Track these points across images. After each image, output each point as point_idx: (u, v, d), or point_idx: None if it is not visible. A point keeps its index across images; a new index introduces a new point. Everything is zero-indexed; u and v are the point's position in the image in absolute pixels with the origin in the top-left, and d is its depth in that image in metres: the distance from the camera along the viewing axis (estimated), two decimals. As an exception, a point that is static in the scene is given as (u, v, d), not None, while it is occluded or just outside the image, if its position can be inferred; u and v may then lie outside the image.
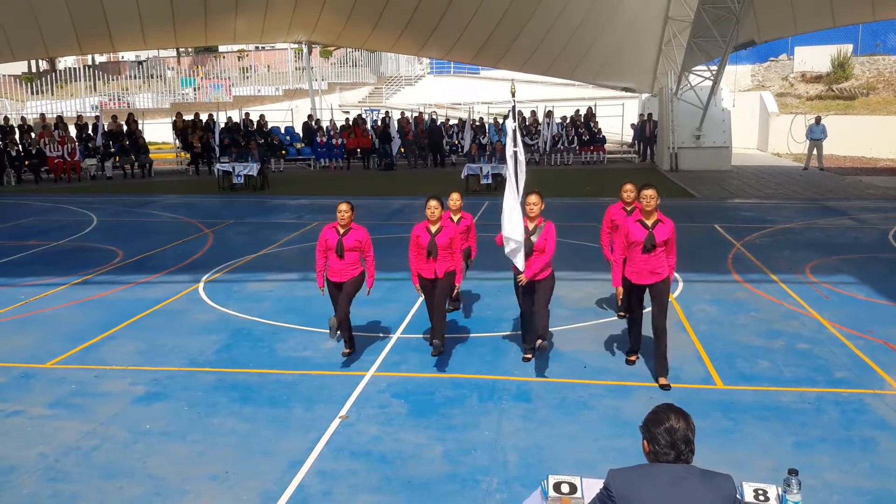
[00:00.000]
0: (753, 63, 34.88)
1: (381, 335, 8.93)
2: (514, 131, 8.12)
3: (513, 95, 9.10)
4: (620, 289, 7.59)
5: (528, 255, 7.69)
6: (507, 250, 7.81)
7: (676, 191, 20.76)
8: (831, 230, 15.22)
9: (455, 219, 9.22)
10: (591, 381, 7.50)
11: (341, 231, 7.98)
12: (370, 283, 8.17)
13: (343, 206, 8.00)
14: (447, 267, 7.98)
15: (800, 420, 6.59)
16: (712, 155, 24.72)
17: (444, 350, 8.10)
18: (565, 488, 3.72)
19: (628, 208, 9.04)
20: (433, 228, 7.94)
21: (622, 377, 7.57)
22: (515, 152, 8.12)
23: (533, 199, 7.91)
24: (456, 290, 8.19)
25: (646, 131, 27.35)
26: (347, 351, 8.23)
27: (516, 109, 8.82)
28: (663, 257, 7.30)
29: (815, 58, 32.68)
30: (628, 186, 9.32)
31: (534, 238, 7.75)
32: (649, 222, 7.28)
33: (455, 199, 9.38)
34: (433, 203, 7.94)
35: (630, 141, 30.09)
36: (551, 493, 3.71)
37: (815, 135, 24.86)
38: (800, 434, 6.32)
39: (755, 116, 31.10)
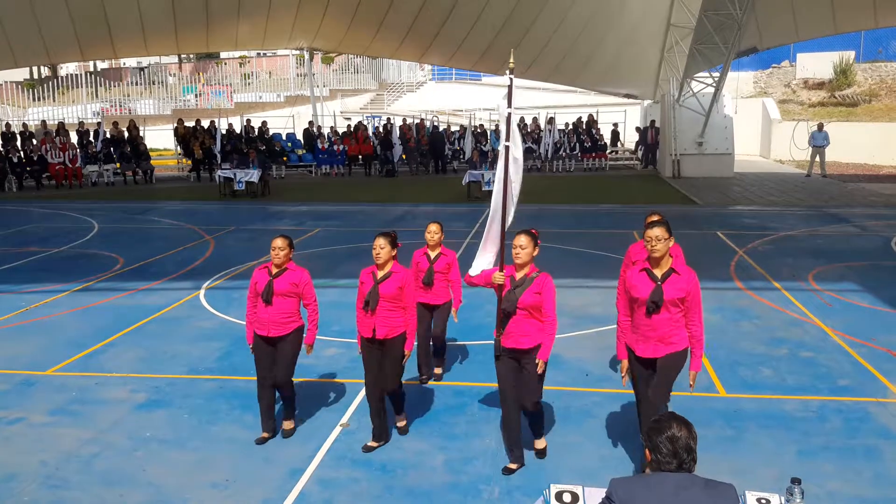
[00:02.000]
0: (756, 70, 34.90)
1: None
2: (508, 118, 6.39)
3: (510, 72, 6.84)
4: (625, 362, 5.80)
5: (508, 317, 5.83)
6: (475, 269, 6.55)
7: (679, 198, 20.75)
8: (834, 237, 15.20)
9: (432, 255, 7.75)
10: (594, 389, 7.47)
11: (273, 272, 6.41)
12: (310, 338, 6.52)
13: (278, 242, 6.41)
14: (392, 327, 6.23)
15: (803, 428, 6.56)
16: (714, 162, 24.70)
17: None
18: (567, 497, 3.70)
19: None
20: (380, 273, 6.28)
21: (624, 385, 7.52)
22: (508, 147, 6.51)
23: (522, 240, 6.01)
24: (405, 359, 6.36)
25: (648, 138, 27.34)
26: (289, 426, 6.57)
27: (513, 94, 6.68)
28: (678, 321, 5.53)
29: (817, 64, 32.69)
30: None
31: (518, 292, 5.80)
32: (659, 273, 5.56)
33: (433, 231, 7.86)
34: (379, 242, 6.26)
35: (633, 147, 30.07)
36: (553, 502, 3.69)
37: (818, 141, 24.85)
38: (803, 442, 6.29)
39: (757, 123, 31.11)
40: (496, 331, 5.88)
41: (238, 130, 27.72)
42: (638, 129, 29.39)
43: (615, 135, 29.54)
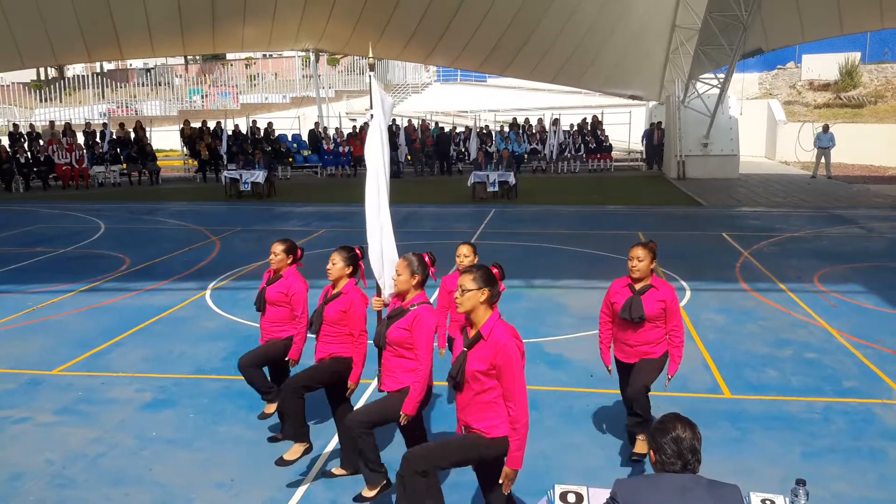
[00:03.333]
0: (761, 71, 34.84)
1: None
2: (375, 120, 6.27)
3: (371, 69, 6.65)
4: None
5: (380, 351, 5.27)
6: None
7: (684, 199, 20.74)
8: (839, 239, 15.17)
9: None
10: (598, 389, 7.47)
11: (272, 277, 6.34)
12: (292, 353, 6.16)
13: (274, 247, 6.27)
14: (333, 350, 5.77)
15: (808, 430, 6.55)
16: (720, 163, 24.68)
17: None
18: (571, 498, 3.71)
19: (637, 286, 5.80)
20: (333, 290, 5.85)
21: (629, 386, 7.52)
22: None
23: (400, 265, 5.26)
24: (349, 392, 5.80)
25: (654, 139, 27.32)
26: (269, 411, 6.29)
27: (373, 88, 6.32)
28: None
29: (822, 66, 32.64)
30: (637, 253, 5.78)
31: (388, 324, 5.14)
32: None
33: (463, 254, 6.96)
34: (334, 257, 5.88)
35: (640, 148, 30.07)
36: (557, 502, 3.70)
37: (823, 143, 24.81)
38: (808, 444, 6.28)
39: (763, 124, 31.07)
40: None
41: (244, 131, 27.77)
42: (646, 130, 29.43)
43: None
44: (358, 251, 5.90)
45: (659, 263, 12.54)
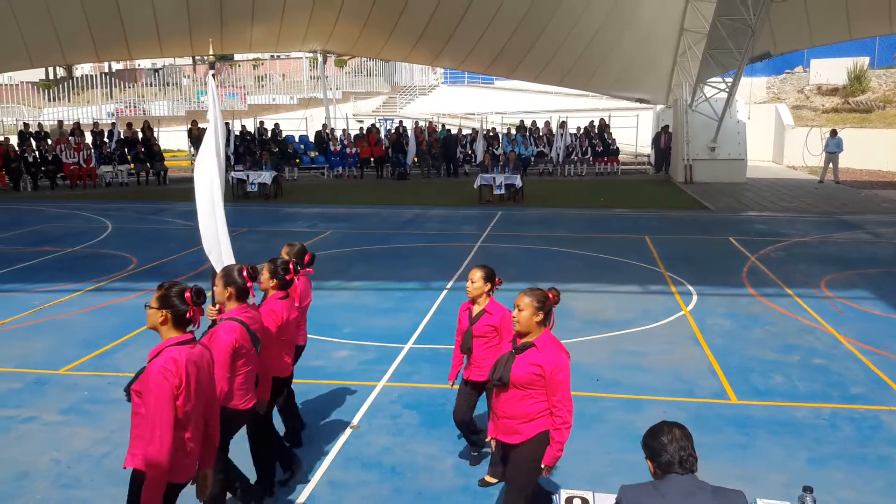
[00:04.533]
0: (769, 75, 34.80)
1: (393, 345, 8.90)
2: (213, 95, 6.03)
3: (212, 67, 6.61)
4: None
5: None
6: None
7: (691, 203, 20.70)
8: (847, 244, 15.12)
9: (475, 311, 5.79)
10: (604, 394, 7.46)
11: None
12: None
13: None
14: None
15: (814, 436, 6.53)
16: (727, 167, 24.64)
17: None
18: (577, 503, 3.70)
19: (519, 342, 4.68)
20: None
21: (635, 391, 7.52)
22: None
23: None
24: (262, 409, 5.37)
25: (661, 143, 27.27)
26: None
27: (210, 88, 6.18)
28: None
29: (831, 70, 32.57)
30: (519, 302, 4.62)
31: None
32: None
33: (473, 279, 5.78)
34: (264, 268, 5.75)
35: (647, 151, 30.04)
36: (563, 507, 3.69)
37: (831, 148, 24.75)
38: (814, 450, 6.26)
39: (770, 129, 31.02)
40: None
41: (251, 132, 27.82)
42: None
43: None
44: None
45: (666, 268, 12.61)
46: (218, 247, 6.04)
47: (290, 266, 5.70)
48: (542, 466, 4.47)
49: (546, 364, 4.44)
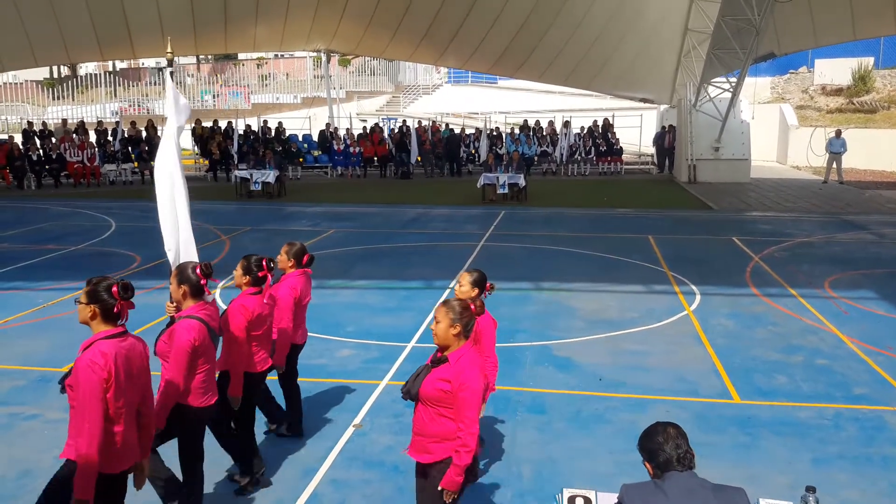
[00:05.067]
0: (773, 75, 34.73)
1: (395, 344, 8.90)
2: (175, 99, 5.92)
3: (169, 64, 6.55)
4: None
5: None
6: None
7: (695, 203, 20.68)
8: (851, 244, 15.10)
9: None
10: (607, 393, 7.45)
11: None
12: (275, 359, 6.08)
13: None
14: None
15: (818, 436, 6.52)
16: (731, 167, 24.60)
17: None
18: (580, 502, 3.70)
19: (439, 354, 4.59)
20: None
21: (638, 390, 7.51)
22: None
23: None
24: (236, 405, 5.54)
25: (665, 143, 27.23)
26: None
27: (168, 87, 6.05)
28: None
29: (835, 70, 32.49)
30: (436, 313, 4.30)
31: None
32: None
33: (460, 282, 5.71)
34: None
35: (651, 151, 30.01)
36: (566, 506, 3.68)
37: (835, 148, 24.69)
38: (818, 450, 6.25)
39: (774, 129, 30.96)
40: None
41: (255, 131, 27.85)
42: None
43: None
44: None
45: (669, 267, 12.60)
46: (177, 246, 6.14)
47: (264, 263, 5.72)
48: (440, 489, 4.11)
49: (454, 380, 4.06)
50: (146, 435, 4.33)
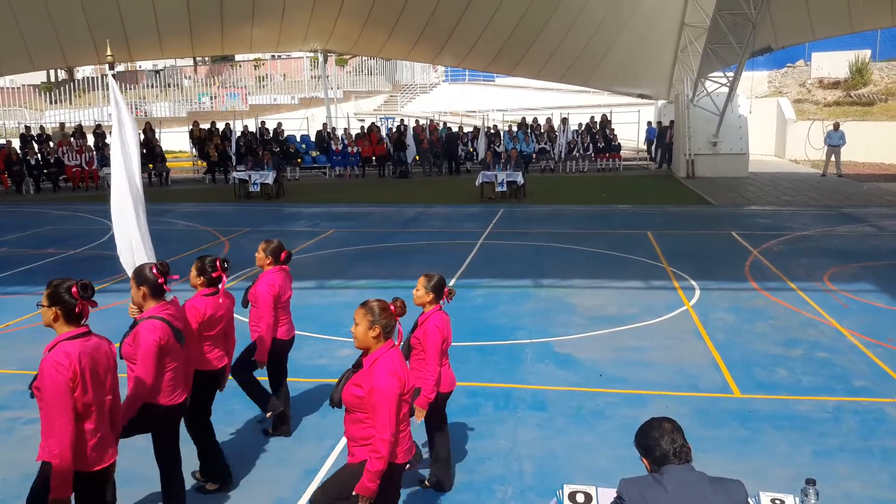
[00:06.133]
0: (770, 69, 34.71)
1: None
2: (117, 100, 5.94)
3: (111, 68, 6.57)
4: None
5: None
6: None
7: (693, 198, 20.67)
8: (850, 237, 15.10)
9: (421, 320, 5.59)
10: (607, 389, 7.46)
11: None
12: (257, 354, 6.38)
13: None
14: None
15: (818, 429, 6.52)
16: (729, 161, 24.59)
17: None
18: (581, 498, 3.70)
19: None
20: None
21: (638, 386, 7.52)
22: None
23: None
24: (186, 403, 5.41)
25: (666, 138, 27.18)
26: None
27: (112, 89, 6.20)
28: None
29: (832, 64, 32.47)
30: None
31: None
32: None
33: (417, 286, 5.66)
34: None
35: (644, 147, 29.98)
36: (566, 502, 3.69)
37: (834, 141, 24.69)
38: (818, 443, 6.26)
39: (772, 123, 30.94)
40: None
41: (253, 132, 27.83)
42: (649, 122, 29.49)
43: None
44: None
45: (668, 263, 12.60)
46: (130, 248, 6.25)
47: (217, 264, 5.74)
48: (353, 494, 4.07)
49: (365, 385, 4.03)
50: (114, 433, 4.40)
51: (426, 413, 5.36)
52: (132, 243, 6.08)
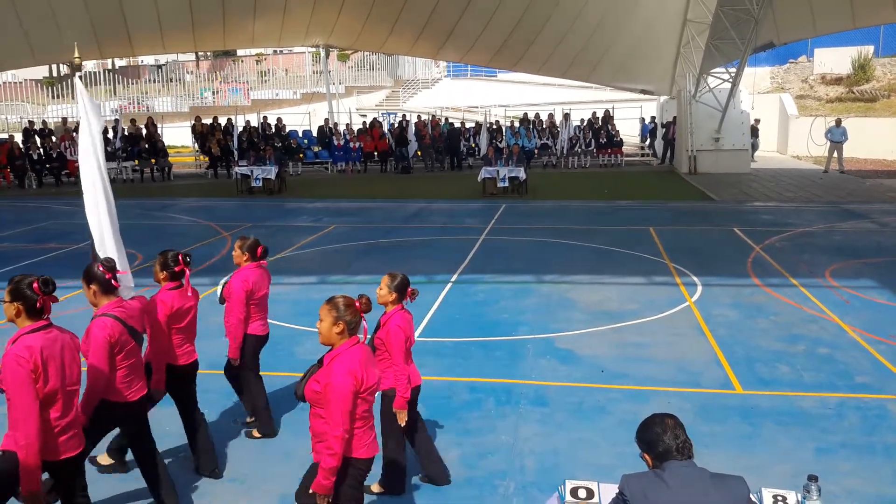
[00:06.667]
0: (773, 65, 34.63)
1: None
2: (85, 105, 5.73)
3: (77, 70, 6.12)
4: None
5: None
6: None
7: (695, 194, 20.66)
8: (852, 233, 15.09)
9: (384, 319, 5.48)
10: (609, 385, 7.46)
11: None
12: (229, 351, 6.43)
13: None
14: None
15: (820, 425, 6.53)
16: (731, 157, 24.58)
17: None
18: (582, 493, 3.72)
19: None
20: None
21: (639, 382, 7.52)
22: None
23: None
24: (159, 398, 5.69)
25: (669, 134, 27.14)
26: None
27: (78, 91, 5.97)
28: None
29: (835, 59, 32.41)
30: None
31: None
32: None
33: (381, 285, 5.51)
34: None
35: (641, 142, 29.99)
36: (568, 497, 3.70)
37: (836, 137, 24.65)
38: (820, 440, 6.26)
39: (775, 119, 30.90)
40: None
41: (255, 127, 27.84)
42: (642, 118, 29.53)
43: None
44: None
45: (670, 258, 12.60)
46: (102, 243, 6.35)
47: (180, 258, 5.78)
48: (311, 492, 4.10)
49: (322, 380, 4.03)
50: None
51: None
52: (104, 238, 6.02)
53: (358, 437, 4.13)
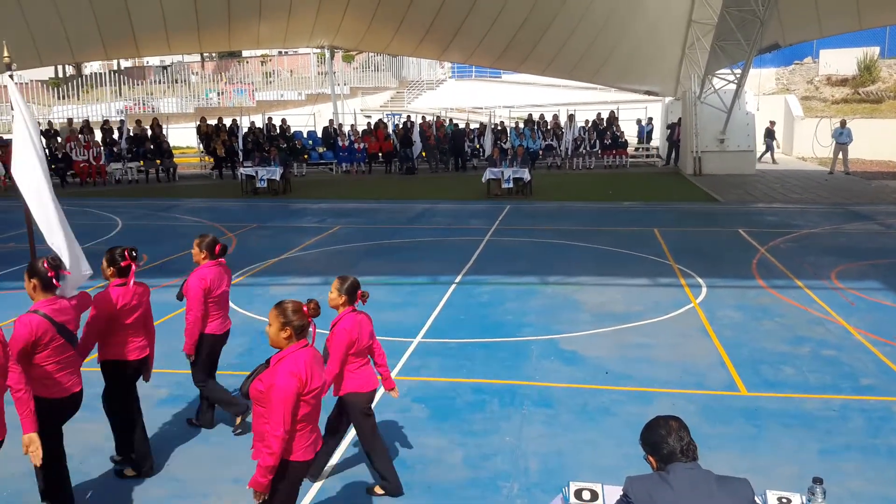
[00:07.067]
0: (778, 66, 34.59)
1: (402, 339, 8.92)
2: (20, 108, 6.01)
3: (8, 68, 6.22)
4: None
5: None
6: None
7: (700, 195, 20.63)
8: (857, 235, 15.05)
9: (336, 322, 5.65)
10: (613, 387, 7.45)
11: None
12: (185, 346, 6.54)
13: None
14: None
15: (825, 427, 6.51)
16: (736, 159, 24.53)
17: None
18: (587, 495, 3.71)
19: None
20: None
21: (644, 383, 7.51)
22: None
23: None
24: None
25: (675, 135, 27.10)
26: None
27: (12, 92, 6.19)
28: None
29: (840, 61, 32.36)
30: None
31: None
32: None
33: (331, 288, 5.78)
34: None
35: (647, 144, 29.96)
36: (572, 499, 3.70)
37: (841, 138, 24.60)
38: (825, 441, 6.25)
39: (780, 120, 30.85)
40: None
41: (260, 128, 27.89)
42: (639, 121, 29.56)
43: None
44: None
45: (675, 260, 12.59)
46: (57, 240, 6.43)
47: (126, 253, 5.83)
48: (247, 488, 4.15)
49: (266, 381, 4.09)
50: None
51: (337, 414, 5.61)
52: (54, 235, 6.39)
53: (298, 440, 4.17)
